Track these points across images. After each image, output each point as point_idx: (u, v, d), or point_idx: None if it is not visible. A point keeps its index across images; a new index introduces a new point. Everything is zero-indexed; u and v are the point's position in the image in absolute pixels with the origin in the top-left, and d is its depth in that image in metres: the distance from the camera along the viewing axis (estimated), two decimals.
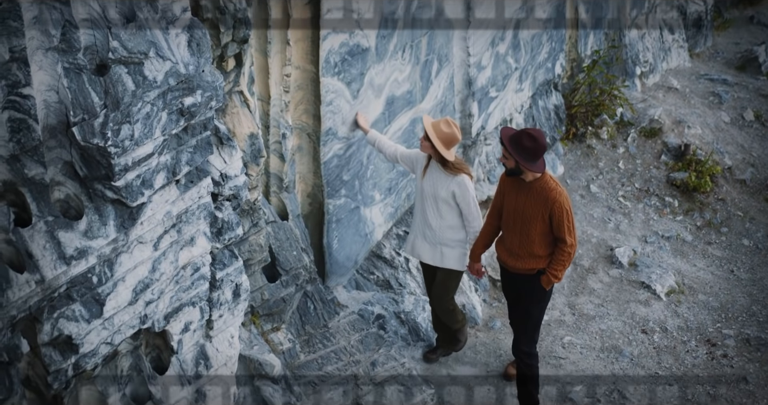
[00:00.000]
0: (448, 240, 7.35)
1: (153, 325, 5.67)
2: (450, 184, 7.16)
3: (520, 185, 6.79)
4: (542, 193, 6.67)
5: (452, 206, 7.25)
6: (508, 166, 6.69)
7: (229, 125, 6.48)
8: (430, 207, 7.31)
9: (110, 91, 4.92)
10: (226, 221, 6.11)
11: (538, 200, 6.69)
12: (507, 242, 6.99)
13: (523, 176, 6.72)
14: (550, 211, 6.65)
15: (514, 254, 6.94)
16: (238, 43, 6.28)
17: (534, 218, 6.72)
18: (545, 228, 6.74)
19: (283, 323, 7.41)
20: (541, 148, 6.57)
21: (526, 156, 6.56)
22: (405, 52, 8.29)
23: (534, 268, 6.91)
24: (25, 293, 4.67)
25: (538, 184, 6.71)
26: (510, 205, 6.87)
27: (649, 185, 11.16)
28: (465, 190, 7.16)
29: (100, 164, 4.94)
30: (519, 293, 7.12)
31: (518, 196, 6.80)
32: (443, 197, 7.22)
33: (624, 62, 12.68)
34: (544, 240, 6.80)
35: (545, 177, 6.72)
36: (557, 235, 6.73)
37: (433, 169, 7.26)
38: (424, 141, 7.14)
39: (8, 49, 4.47)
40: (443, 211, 7.28)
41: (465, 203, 7.19)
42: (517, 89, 10.50)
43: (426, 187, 7.29)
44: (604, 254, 9.97)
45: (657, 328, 8.91)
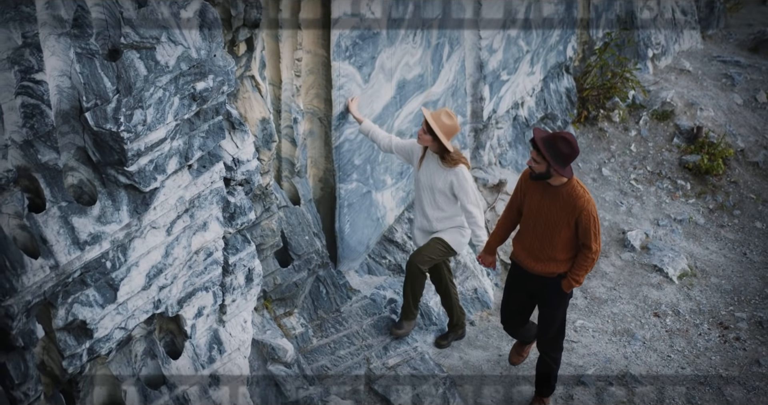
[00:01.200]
0: (444, 228, 7.34)
1: (166, 310, 5.68)
2: (448, 175, 7.11)
3: (545, 188, 6.55)
4: (570, 200, 6.45)
5: (449, 197, 7.21)
6: (537, 170, 6.41)
7: (241, 110, 6.47)
8: (427, 198, 7.27)
9: (122, 76, 4.91)
10: (238, 206, 6.11)
11: (565, 206, 6.48)
12: (527, 243, 6.78)
13: (550, 180, 6.49)
14: (577, 218, 6.46)
15: (535, 256, 6.74)
16: (249, 27, 6.26)
17: (559, 224, 6.53)
18: (570, 234, 6.55)
19: (295, 308, 7.43)
20: (576, 153, 6.37)
21: (561, 161, 6.31)
22: (416, 35, 8.26)
23: (554, 272, 6.73)
24: (40, 278, 4.68)
25: (565, 190, 6.48)
26: (533, 206, 6.65)
27: (662, 168, 11.13)
28: (463, 180, 7.10)
29: (113, 149, 4.94)
30: (530, 292, 6.97)
31: (543, 199, 6.57)
32: (440, 188, 7.17)
33: (636, 44, 12.61)
34: (567, 245, 6.61)
35: (572, 182, 6.50)
36: (583, 241, 6.55)
37: (429, 161, 7.21)
38: (423, 134, 7.06)
39: (21, 35, 4.46)
40: (440, 202, 7.24)
41: (464, 193, 7.13)
42: (529, 72, 10.46)
43: (422, 179, 7.25)
44: (616, 238, 9.95)
45: (669, 311, 8.90)
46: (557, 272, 6.72)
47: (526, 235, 6.76)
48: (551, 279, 6.76)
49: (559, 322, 7.00)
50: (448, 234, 7.35)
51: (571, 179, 6.49)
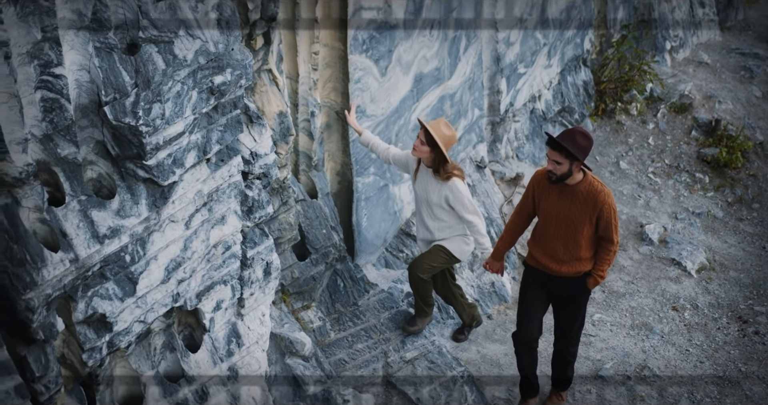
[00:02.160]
0: (447, 236, 7.24)
1: (185, 304, 5.70)
2: (442, 189, 6.99)
3: (562, 190, 6.45)
4: (590, 197, 6.38)
5: (446, 209, 7.10)
6: (560, 171, 6.29)
7: (258, 104, 6.48)
8: (425, 210, 7.19)
9: (141, 70, 4.92)
10: (256, 200, 6.11)
11: (585, 204, 6.40)
12: (548, 248, 6.65)
13: (567, 180, 6.39)
14: (598, 213, 6.39)
15: (559, 260, 6.62)
16: (267, 21, 6.26)
17: (581, 223, 6.45)
18: (592, 231, 6.49)
19: (313, 301, 7.43)
20: (592, 143, 6.34)
21: (583, 154, 6.23)
22: (433, 28, 8.24)
23: (581, 271, 6.64)
24: (60, 272, 4.70)
25: (583, 187, 6.40)
26: (551, 210, 6.55)
27: (680, 161, 11.07)
28: (458, 193, 6.97)
29: (132, 143, 4.96)
30: (552, 294, 6.86)
31: (560, 201, 6.47)
32: (436, 202, 7.06)
33: (654, 37, 12.55)
34: (589, 242, 6.54)
35: (588, 178, 6.43)
36: (604, 235, 6.49)
37: (423, 174, 7.10)
38: (420, 145, 6.86)
39: (40, 29, 4.48)
40: (438, 214, 7.13)
41: (461, 206, 7.00)
42: (546, 65, 10.43)
43: (418, 191, 7.16)
44: (634, 231, 9.92)
45: (688, 305, 8.87)
46: (583, 271, 6.64)
47: (547, 240, 6.64)
48: (576, 278, 6.68)
49: (581, 321, 6.97)
50: (451, 242, 7.25)
51: (587, 175, 6.43)
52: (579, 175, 6.38)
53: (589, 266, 6.63)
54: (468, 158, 9.47)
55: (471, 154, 9.51)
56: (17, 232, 4.58)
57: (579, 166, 6.31)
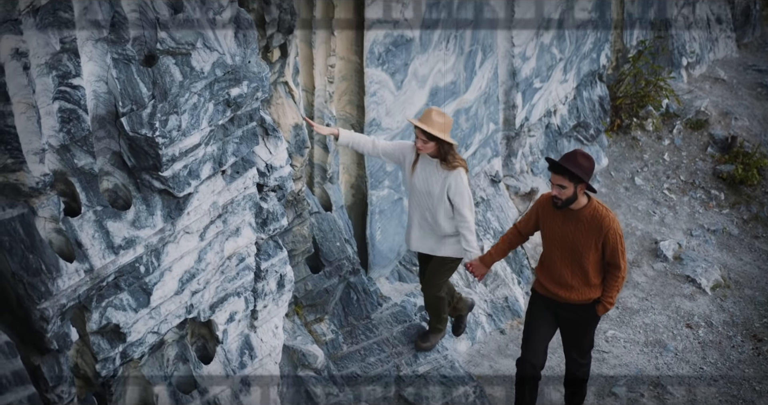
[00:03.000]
0: (446, 229, 6.93)
1: (199, 315, 5.70)
2: (447, 177, 6.73)
3: (566, 215, 6.36)
4: (594, 222, 6.29)
5: (445, 202, 6.83)
6: (564, 195, 6.22)
7: (274, 116, 6.49)
8: (424, 202, 6.89)
9: (158, 81, 4.94)
10: (271, 212, 6.12)
11: (590, 229, 6.31)
12: (556, 275, 6.55)
13: (571, 205, 6.31)
14: (604, 238, 6.30)
15: (567, 286, 6.52)
16: (284, 33, 6.28)
17: (587, 248, 6.36)
18: (598, 256, 6.39)
19: (326, 314, 7.43)
20: (594, 165, 6.28)
21: (586, 175, 6.16)
22: (449, 42, 8.25)
23: (591, 298, 6.53)
24: (75, 282, 4.71)
25: (588, 212, 6.32)
26: (555, 235, 6.47)
27: (695, 178, 11.04)
28: (461, 183, 6.74)
29: (148, 154, 4.97)
30: (560, 321, 6.77)
31: (565, 225, 6.39)
32: (438, 193, 6.79)
33: (670, 53, 12.53)
34: (596, 268, 6.44)
35: (593, 203, 6.34)
36: (611, 261, 6.40)
37: (424, 165, 6.80)
38: (424, 144, 6.60)
39: (59, 40, 4.51)
40: (437, 207, 6.85)
41: (459, 196, 6.76)
42: (562, 80, 10.42)
43: (417, 184, 6.85)
44: (649, 247, 9.88)
45: (702, 322, 8.83)
46: (593, 298, 6.54)
47: (554, 266, 6.55)
48: (585, 306, 6.58)
49: (591, 342, 6.91)
50: (447, 248, 7.01)
51: (591, 200, 6.34)
52: (583, 199, 6.30)
53: (599, 293, 6.53)
54: (483, 172, 9.46)
55: (486, 168, 9.51)
56: (33, 242, 4.60)
57: (583, 190, 6.25)
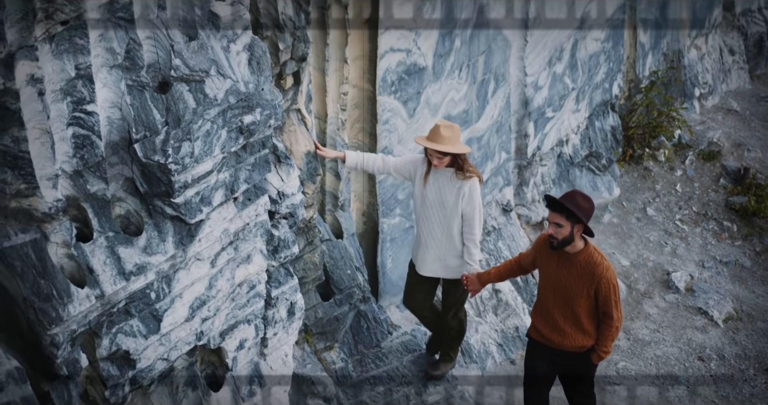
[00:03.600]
0: (453, 249, 6.88)
1: (209, 342, 5.69)
2: (462, 187, 6.67)
3: (561, 257, 6.22)
4: (587, 268, 6.12)
5: (457, 213, 6.75)
6: (561, 235, 6.07)
7: (286, 143, 6.50)
8: (436, 215, 6.80)
9: (172, 108, 4.96)
10: (282, 239, 6.12)
11: (583, 275, 6.14)
12: (549, 318, 6.41)
13: (567, 247, 6.14)
14: (596, 287, 6.12)
15: (560, 331, 6.37)
16: (297, 61, 6.31)
17: (579, 294, 6.18)
18: (591, 303, 6.21)
19: (336, 342, 7.40)
20: (593, 207, 6.13)
21: (585, 216, 6.03)
22: (462, 71, 8.28)
23: (585, 346, 6.37)
24: (86, 308, 4.71)
25: (582, 257, 6.15)
26: (550, 276, 6.32)
27: (707, 209, 11.00)
28: (475, 193, 6.69)
29: (161, 181, 4.98)
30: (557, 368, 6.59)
31: (559, 268, 6.23)
32: (452, 203, 6.72)
33: (683, 83, 12.54)
34: (589, 314, 6.26)
35: (589, 249, 6.18)
36: (604, 310, 6.21)
37: (437, 176, 6.74)
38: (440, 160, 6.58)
39: (74, 66, 4.53)
40: (451, 220, 6.77)
41: (471, 207, 6.70)
42: (574, 109, 10.43)
43: (429, 195, 6.77)
44: (660, 278, 9.83)
45: (714, 355, 8.76)
46: (587, 346, 6.37)
47: (548, 309, 6.41)
48: (582, 354, 6.41)
49: (592, 389, 6.72)
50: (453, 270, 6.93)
51: (588, 245, 6.19)
52: (580, 243, 6.16)
53: (592, 341, 6.36)
54: (494, 201, 9.45)
55: (497, 197, 9.50)
56: (45, 267, 4.61)
57: (580, 232, 6.10)
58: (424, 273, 7.06)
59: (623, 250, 10.15)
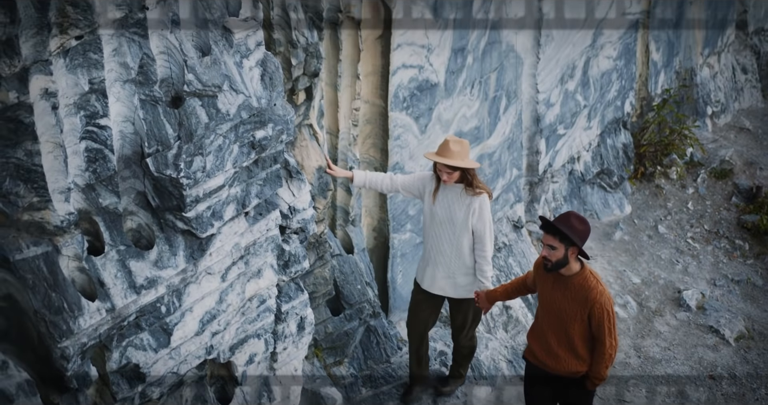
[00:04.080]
0: (463, 267, 6.83)
1: (218, 356, 5.69)
2: (472, 203, 6.63)
3: (556, 279, 6.08)
4: (581, 292, 5.98)
5: (468, 230, 6.72)
6: (555, 257, 5.93)
7: (298, 158, 6.52)
8: (446, 231, 6.76)
9: (184, 123, 4.99)
10: (293, 254, 6.13)
11: (576, 298, 6.00)
12: (543, 341, 6.29)
13: (562, 269, 6.01)
14: (589, 311, 5.97)
15: (554, 354, 6.23)
16: (309, 76, 6.34)
17: (572, 318, 6.05)
18: (584, 327, 6.07)
19: (345, 357, 7.40)
20: (589, 229, 5.96)
21: (579, 238, 5.88)
22: (474, 87, 8.30)
23: (579, 371, 6.21)
24: (96, 321, 4.73)
25: (577, 281, 6.00)
26: (545, 299, 6.21)
27: (719, 227, 10.97)
28: (486, 209, 6.66)
29: (172, 195, 5.00)
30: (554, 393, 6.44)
31: (554, 290, 6.11)
32: (461, 220, 6.67)
33: (695, 102, 12.54)
34: (583, 339, 6.12)
35: (585, 272, 6.02)
36: (596, 336, 6.06)
37: (446, 192, 6.71)
38: (450, 176, 6.56)
39: (88, 81, 4.56)
40: (460, 236, 6.73)
41: (482, 224, 6.67)
42: (586, 127, 10.43)
43: (439, 212, 6.73)
44: (672, 296, 9.80)
45: (725, 374, 8.72)
46: (581, 372, 6.22)
47: (542, 331, 6.31)
48: (576, 380, 6.27)
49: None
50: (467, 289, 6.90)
51: (584, 268, 6.05)
52: (575, 265, 6.01)
53: (587, 366, 6.21)
54: (505, 218, 9.45)
55: (508, 213, 9.50)
56: (56, 280, 4.62)
57: (575, 254, 5.96)
58: (433, 291, 7.02)
59: (634, 267, 10.12)
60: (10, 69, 4.13)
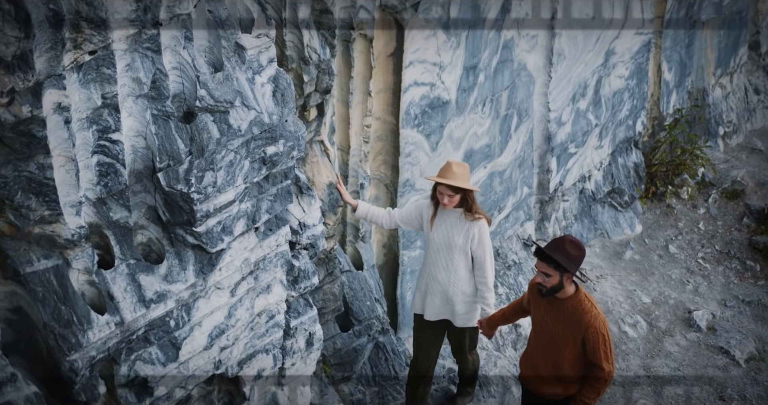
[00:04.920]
0: (460, 294, 6.71)
1: (227, 371, 5.70)
2: (471, 228, 6.54)
3: (551, 302, 5.94)
4: (575, 315, 5.84)
5: (467, 256, 6.61)
6: (549, 284, 5.81)
7: (309, 174, 6.54)
8: (443, 258, 6.66)
9: (196, 138, 5.01)
10: (302, 270, 6.14)
11: (570, 322, 5.86)
12: (532, 361, 6.18)
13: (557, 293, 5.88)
14: (583, 335, 5.82)
15: (539, 376, 6.12)
16: (321, 93, 6.36)
17: (564, 342, 5.90)
18: (577, 353, 5.90)
19: (353, 373, 7.39)
20: (584, 254, 5.81)
21: (573, 265, 5.73)
22: (485, 105, 8.32)
23: (560, 395, 6.07)
24: (105, 334, 4.74)
25: (571, 304, 5.87)
26: (538, 321, 6.08)
27: (730, 248, 10.94)
28: (485, 235, 6.56)
29: (183, 210, 5.03)
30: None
31: (547, 312, 5.99)
32: (460, 245, 6.58)
33: (707, 122, 12.52)
34: (574, 364, 5.94)
35: (579, 295, 5.89)
36: (592, 361, 5.87)
37: (444, 218, 6.63)
38: (451, 198, 6.46)
39: (101, 96, 4.60)
40: (457, 262, 6.63)
41: (482, 250, 6.57)
42: (597, 146, 10.43)
43: (437, 238, 6.65)
44: (682, 317, 9.76)
45: (735, 395, 8.67)
46: (563, 395, 6.06)
47: (532, 352, 6.19)
48: (558, 402, 6.12)
49: None
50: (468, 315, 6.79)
51: (579, 292, 5.91)
52: (570, 288, 5.89)
53: (571, 390, 6.04)
54: (515, 236, 9.44)
55: (518, 231, 9.49)
56: (66, 294, 4.65)
57: (570, 278, 5.83)
58: (435, 318, 6.87)
59: (644, 287, 10.09)
60: (24, 83, 4.17)
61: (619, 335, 9.29)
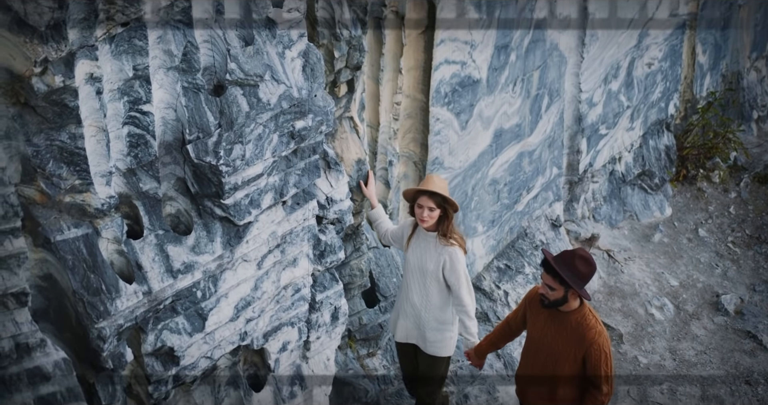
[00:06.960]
0: (433, 321, 6.38)
1: (252, 343, 5.75)
2: (441, 253, 6.20)
3: (552, 313, 5.69)
4: (578, 330, 5.57)
5: (440, 282, 6.27)
6: (553, 297, 5.55)
7: (338, 150, 6.56)
8: (416, 282, 6.35)
9: (225, 111, 5.05)
10: (329, 244, 6.17)
11: (572, 337, 5.59)
12: (525, 377, 5.95)
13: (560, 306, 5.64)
14: (585, 352, 5.55)
15: (532, 392, 5.93)
16: (351, 69, 6.37)
17: (564, 357, 5.64)
18: (575, 370, 5.63)
19: (378, 349, 7.43)
20: (594, 271, 5.54)
21: (580, 283, 5.49)
22: (516, 85, 8.29)
23: None
24: (133, 303, 4.80)
25: (574, 318, 5.61)
26: (535, 333, 5.80)
27: (761, 232, 10.86)
28: (457, 262, 6.16)
29: (211, 182, 5.07)
30: None
31: (547, 325, 5.72)
32: (432, 270, 6.24)
33: (740, 105, 12.41)
34: (569, 382, 5.70)
35: (584, 310, 5.62)
36: (592, 380, 5.62)
37: (419, 239, 6.34)
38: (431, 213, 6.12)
39: (132, 67, 4.64)
40: (430, 288, 6.31)
41: (456, 277, 6.19)
42: (628, 128, 10.38)
43: (411, 260, 6.34)
44: (710, 300, 9.72)
45: (762, 379, 8.64)
46: None
47: (527, 366, 5.92)
48: None
49: None
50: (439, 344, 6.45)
51: (583, 306, 5.64)
52: (575, 302, 5.63)
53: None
54: (543, 216, 9.43)
55: (547, 212, 9.48)
56: (95, 262, 4.71)
57: (576, 295, 5.57)
58: (399, 339, 6.62)
59: (673, 270, 10.06)
60: (56, 53, 4.22)
61: (645, 317, 9.27)
